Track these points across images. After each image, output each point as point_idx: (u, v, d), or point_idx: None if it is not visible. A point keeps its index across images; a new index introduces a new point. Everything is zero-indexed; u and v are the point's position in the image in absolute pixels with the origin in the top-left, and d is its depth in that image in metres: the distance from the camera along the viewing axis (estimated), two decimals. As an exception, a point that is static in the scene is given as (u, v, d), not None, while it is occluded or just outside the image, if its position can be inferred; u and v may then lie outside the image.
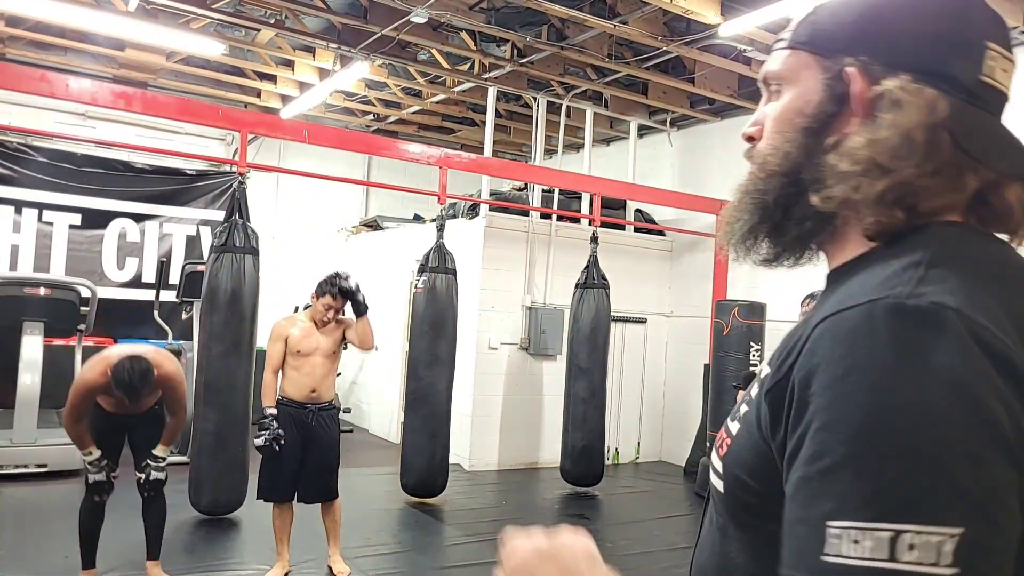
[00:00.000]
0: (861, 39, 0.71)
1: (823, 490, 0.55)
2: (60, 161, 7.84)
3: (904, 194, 0.66)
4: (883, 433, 0.54)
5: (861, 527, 0.52)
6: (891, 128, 0.66)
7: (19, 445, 5.73)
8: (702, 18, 5.42)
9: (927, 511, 0.52)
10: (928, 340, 0.56)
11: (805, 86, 0.74)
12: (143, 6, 6.07)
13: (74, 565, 3.89)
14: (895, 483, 0.53)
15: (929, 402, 0.54)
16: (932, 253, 0.64)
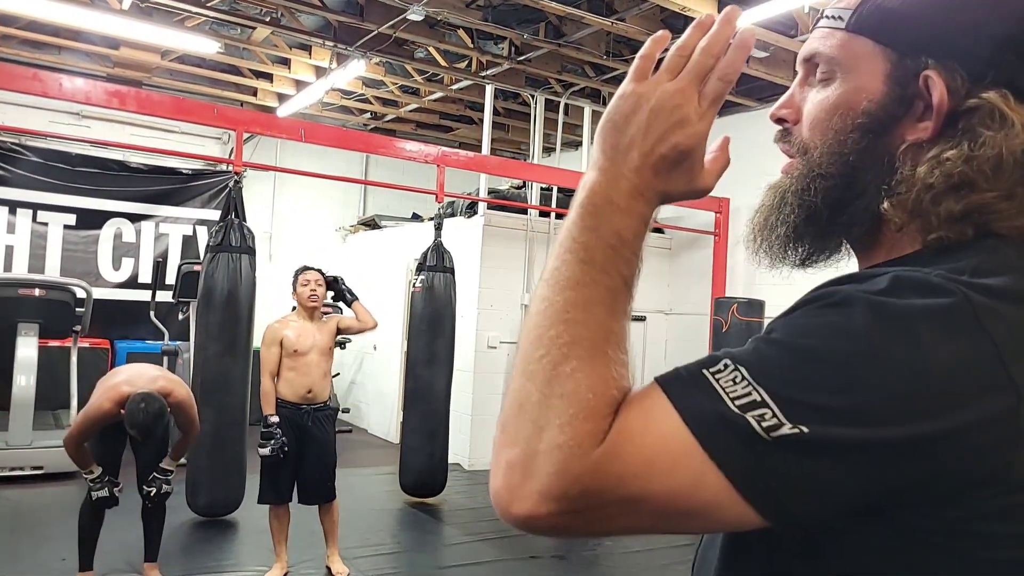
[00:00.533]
0: (944, 39, 0.65)
1: (752, 344, 0.58)
2: (55, 161, 7.79)
3: (982, 214, 0.63)
4: (827, 345, 0.55)
5: (749, 378, 0.55)
6: (994, 146, 0.62)
7: (14, 447, 5.69)
8: (699, 15, 5.39)
9: (801, 410, 0.54)
10: (932, 306, 0.56)
11: (866, 79, 0.68)
12: (137, 4, 6.03)
13: (70, 567, 3.86)
14: (803, 379, 0.55)
15: (876, 345, 0.54)
16: (979, 260, 0.61)
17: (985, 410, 0.55)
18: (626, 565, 4.78)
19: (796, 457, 0.54)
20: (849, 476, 0.54)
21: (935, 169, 0.64)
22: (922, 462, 0.54)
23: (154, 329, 7.34)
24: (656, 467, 0.56)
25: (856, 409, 0.54)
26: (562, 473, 0.56)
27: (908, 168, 0.65)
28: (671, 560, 4.77)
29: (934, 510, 0.56)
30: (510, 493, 0.57)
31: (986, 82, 0.64)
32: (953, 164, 0.63)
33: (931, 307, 0.56)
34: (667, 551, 4.94)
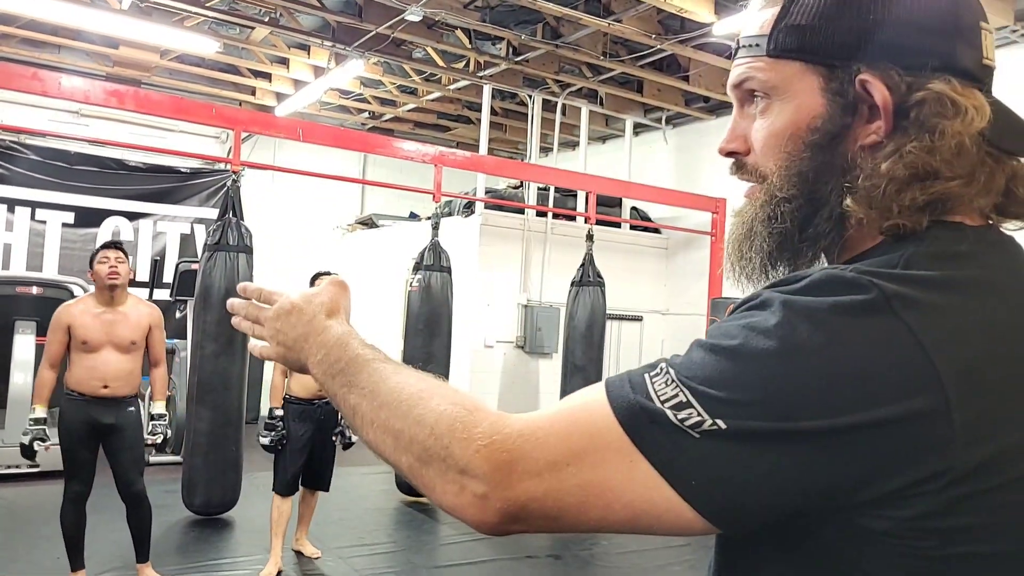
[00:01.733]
0: (865, 43, 0.65)
1: (689, 352, 0.63)
2: (53, 159, 7.80)
3: (944, 201, 0.64)
4: (746, 348, 0.58)
5: (680, 380, 0.59)
6: (954, 135, 0.63)
7: (11, 445, 5.68)
8: (696, 16, 5.42)
9: (720, 405, 0.57)
10: (846, 301, 0.57)
11: (804, 98, 0.68)
12: (136, 4, 6.04)
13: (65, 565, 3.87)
14: (725, 379, 0.57)
15: (796, 340, 0.56)
16: (912, 251, 0.62)
17: (908, 406, 0.55)
18: (622, 565, 4.79)
19: (718, 451, 0.56)
20: (769, 469, 0.56)
21: (898, 162, 0.64)
22: (841, 456, 0.55)
23: (152, 327, 7.33)
24: (589, 453, 0.60)
25: (772, 402, 0.56)
26: (495, 467, 0.61)
27: (869, 165, 0.66)
28: (667, 560, 4.79)
29: (884, 511, 0.56)
30: (468, 504, 0.63)
31: (925, 71, 0.64)
32: (916, 156, 0.63)
33: (842, 303, 0.57)
34: (663, 551, 4.96)
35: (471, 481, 0.62)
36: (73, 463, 3.64)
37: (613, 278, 7.02)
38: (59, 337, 3.66)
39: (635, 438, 0.59)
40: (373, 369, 0.74)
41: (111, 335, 3.70)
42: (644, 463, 0.58)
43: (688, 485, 0.57)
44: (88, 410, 3.65)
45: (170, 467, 6.07)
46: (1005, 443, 0.57)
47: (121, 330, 3.72)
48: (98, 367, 3.66)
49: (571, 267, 6.89)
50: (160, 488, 5.57)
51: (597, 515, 0.60)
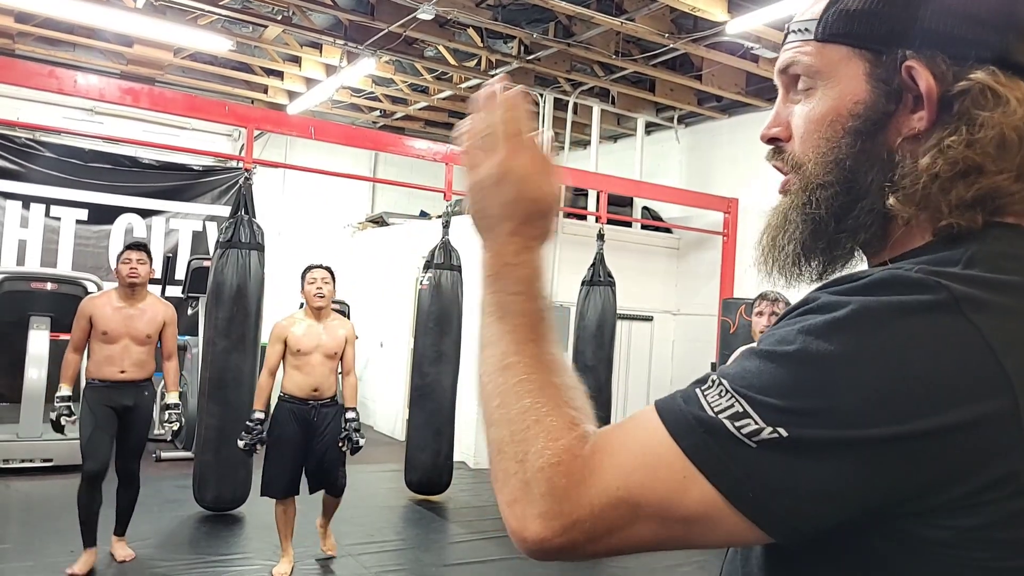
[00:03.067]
0: (915, 29, 0.64)
1: (743, 361, 0.60)
2: (68, 157, 7.87)
3: (994, 198, 0.62)
4: (814, 346, 0.56)
5: (731, 389, 0.57)
6: (994, 127, 0.61)
7: (25, 439, 5.75)
8: (709, 15, 5.40)
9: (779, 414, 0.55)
10: (911, 302, 0.55)
11: (848, 83, 0.67)
12: (151, 2, 6.08)
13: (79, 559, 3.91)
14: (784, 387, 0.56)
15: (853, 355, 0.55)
16: (975, 250, 0.60)
17: (977, 410, 0.53)
18: (632, 565, 4.78)
19: (777, 460, 0.54)
20: (832, 478, 0.54)
21: (938, 157, 0.62)
22: (908, 463, 0.53)
23: (164, 324, 7.38)
24: (641, 474, 0.58)
25: (833, 410, 0.54)
26: (553, 490, 0.59)
27: (910, 160, 0.64)
28: (677, 561, 4.78)
29: (944, 520, 0.54)
30: (520, 526, 0.61)
31: (970, 62, 0.62)
32: (956, 150, 0.62)
33: (908, 303, 0.55)
34: (673, 552, 4.94)
35: (529, 497, 0.61)
36: (92, 445, 3.89)
37: (624, 278, 7.01)
38: (83, 325, 4.00)
39: (689, 451, 0.57)
40: (544, 327, 0.72)
41: (129, 328, 4.03)
42: (699, 476, 0.56)
43: (745, 497, 0.55)
44: (110, 394, 3.98)
45: (182, 462, 6.11)
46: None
47: (138, 324, 4.05)
48: (115, 356, 4.00)
49: (582, 266, 6.88)
50: (172, 483, 5.62)
51: (651, 534, 0.59)
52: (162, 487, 5.58)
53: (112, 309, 4.02)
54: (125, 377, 4.01)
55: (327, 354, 4.13)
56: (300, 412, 4.08)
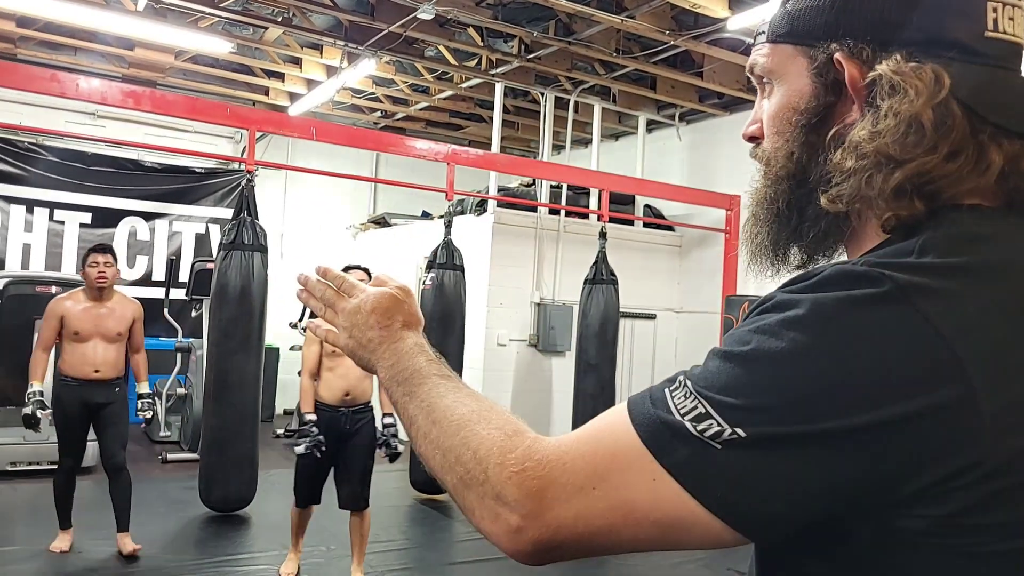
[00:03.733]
0: (844, 21, 0.65)
1: (706, 362, 0.62)
2: (71, 160, 7.89)
3: (923, 183, 0.61)
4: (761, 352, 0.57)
5: (697, 392, 0.58)
6: (893, 115, 0.61)
7: (32, 442, 5.77)
8: (710, 12, 5.40)
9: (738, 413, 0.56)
10: (857, 295, 0.56)
11: (794, 80, 0.69)
12: (152, 5, 6.09)
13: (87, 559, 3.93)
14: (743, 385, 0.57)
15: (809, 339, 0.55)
16: (926, 237, 0.60)
17: (931, 399, 0.53)
18: (636, 562, 4.79)
19: (741, 459, 0.55)
20: (795, 473, 0.55)
21: (849, 152, 0.63)
22: (868, 455, 0.54)
23: (168, 326, 7.41)
24: (615, 477, 0.59)
25: (789, 405, 0.55)
26: (527, 494, 0.61)
27: (833, 154, 0.65)
28: (681, 559, 4.78)
29: (920, 509, 0.55)
30: (507, 536, 0.63)
31: (892, 47, 0.63)
32: (863, 143, 0.62)
33: (855, 297, 0.56)
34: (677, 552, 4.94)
35: (505, 509, 0.62)
36: (67, 440, 4.15)
37: (626, 276, 7.01)
38: (52, 325, 4.13)
39: (657, 454, 0.58)
40: (433, 384, 0.76)
41: (100, 327, 4.16)
42: (668, 479, 0.57)
43: (714, 497, 0.56)
44: (82, 392, 4.12)
45: (188, 464, 6.13)
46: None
47: (108, 323, 4.19)
48: (88, 355, 4.13)
49: (584, 265, 6.89)
50: (178, 484, 5.64)
51: (629, 535, 0.60)
52: (168, 488, 5.61)
53: (82, 309, 4.14)
54: (98, 376, 4.15)
55: None
56: (331, 421, 3.89)
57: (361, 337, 0.86)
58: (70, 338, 4.12)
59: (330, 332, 0.91)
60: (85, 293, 4.21)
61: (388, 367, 0.81)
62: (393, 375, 0.80)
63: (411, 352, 0.81)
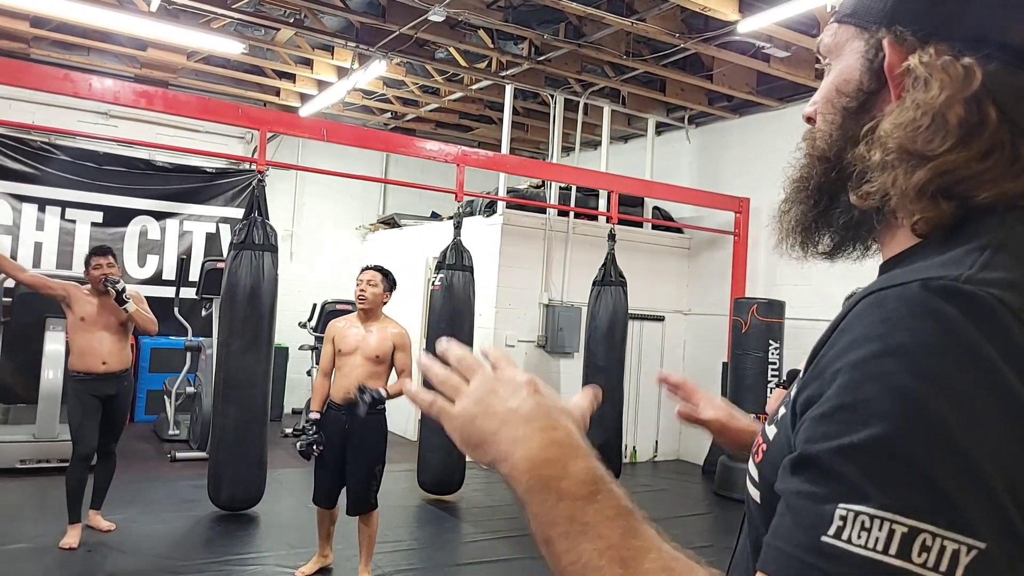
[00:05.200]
0: (902, 6, 0.63)
1: (842, 468, 0.49)
2: (83, 160, 7.94)
3: (950, 183, 0.58)
4: (916, 421, 0.48)
5: (876, 514, 0.47)
6: (916, 108, 0.59)
7: (41, 440, 5.81)
8: (720, 15, 5.39)
9: (954, 515, 0.46)
10: (979, 333, 0.50)
11: (847, 61, 0.68)
12: (164, 6, 6.13)
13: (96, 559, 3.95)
14: (925, 476, 0.47)
15: (977, 400, 0.48)
16: (998, 240, 0.56)
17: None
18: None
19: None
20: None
21: (875, 145, 0.61)
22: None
23: (178, 325, 7.45)
24: None
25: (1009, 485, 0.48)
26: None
27: (859, 146, 0.63)
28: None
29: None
30: None
31: (935, 40, 0.61)
32: (886, 134, 0.60)
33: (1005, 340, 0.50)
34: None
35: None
36: (82, 431, 4.32)
37: (635, 278, 7.00)
38: (61, 284, 4.45)
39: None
40: (637, 525, 0.55)
41: (103, 316, 4.40)
42: None
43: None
44: (94, 385, 4.36)
45: (196, 463, 6.16)
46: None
47: (111, 314, 4.41)
48: (95, 347, 4.36)
49: (593, 267, 6.88)
50: (187, 483, 5.66)
51: None
52: (177, 487, 5.63)
53: (87, 301, 4.41)
54: (107, 369, 4.37)
55: (368, 356, 3.94)
56: (338, 419, 3.90)
57: (492, 405, 0.63)
58: (77, 327, 4.38)
59: (438, 400, 0.68)
60: (89, 291, 4.44)
61: (538, 455, 0.59)
62: (549, 474, 0.57)
63: (586, 454, 0.59)
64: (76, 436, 4.34)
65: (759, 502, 0.65)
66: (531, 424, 0.61)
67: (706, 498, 6.62)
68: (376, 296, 4.03)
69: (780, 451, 0.60)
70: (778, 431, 0.64)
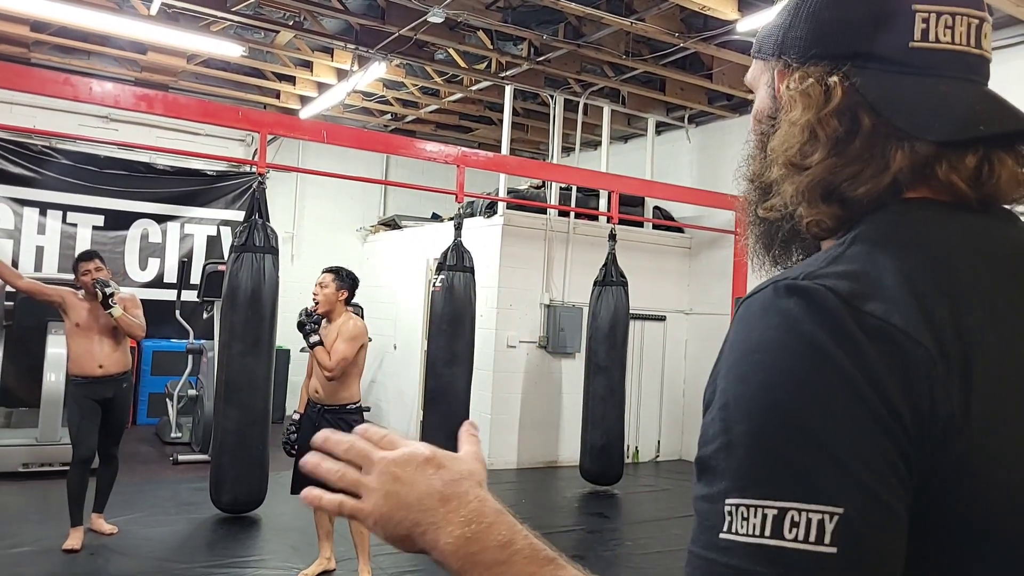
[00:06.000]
0: (786, 38, 0.70)
1: (720, 468, 0.55)
2: (83, 163, 7.95)
3: (828, 187, 0.64)
4: (769, 413, 0.54)
5: (750, 503, 0.52)
6: (789, 125, 0.66)
7: (44, 443, 5.82)
8: (720, 14, 5.39)
9: (811, 488, 0.52)
10: (811, 322, 0.55)
11: (760, 93, 0.75)
12: (164, 10, 6.14)
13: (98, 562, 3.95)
14: (781, 460, 0.53)
15: (817, 383, 0.54)
16: (857, 233, 0.62)
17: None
18: (646, 566, 4.78)
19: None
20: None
21: (772, 162, 0.68)
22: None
23: (179, 328, 7.46)
24: None
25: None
26: None
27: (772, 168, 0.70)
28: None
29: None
30: None
31: (811, 62, 0.67)
32: (774, 152, 0.67)
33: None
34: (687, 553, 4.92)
35: None
36: (81, 434, 4.34)
37: (636, 278, 7.00)
38: (56, 290, 4.48)
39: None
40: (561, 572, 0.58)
41: (98, 320, 4.42)
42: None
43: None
44: (92, 388, 4.38)
45: (198, 465, 6.16)
46: None
47: (105, 318, 4.43)
48: (92, 351, 4.40)
49: (594, 267, 6.88)
50: (188, 486, 5.67)
51: None
52: (179, 490, 5.64)
53: (81, 306, 4.44)
54: (104, 372, 4.41)
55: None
56: (313, 416, 4.06)
57: (406, 494, 0.62)
58: (73, 332, 4.41)
59: (345, 502, 0.65)
60: (83, 295, 4.47)
61: (458, 536, 0.60)
62: (470, 549, 0.59)
63: (502, 519, 0.61)
64: (76, 439, 4.38)
65: None
66: (446, 505, 0.62)
67: (709, 498, 6.61)
68: (328, 296, 4.11)
69: None
70: None
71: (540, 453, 7.33)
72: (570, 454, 7.17)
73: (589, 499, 6.35)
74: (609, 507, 6.22)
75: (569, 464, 7.14)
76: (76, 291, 4.52)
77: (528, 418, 7.26)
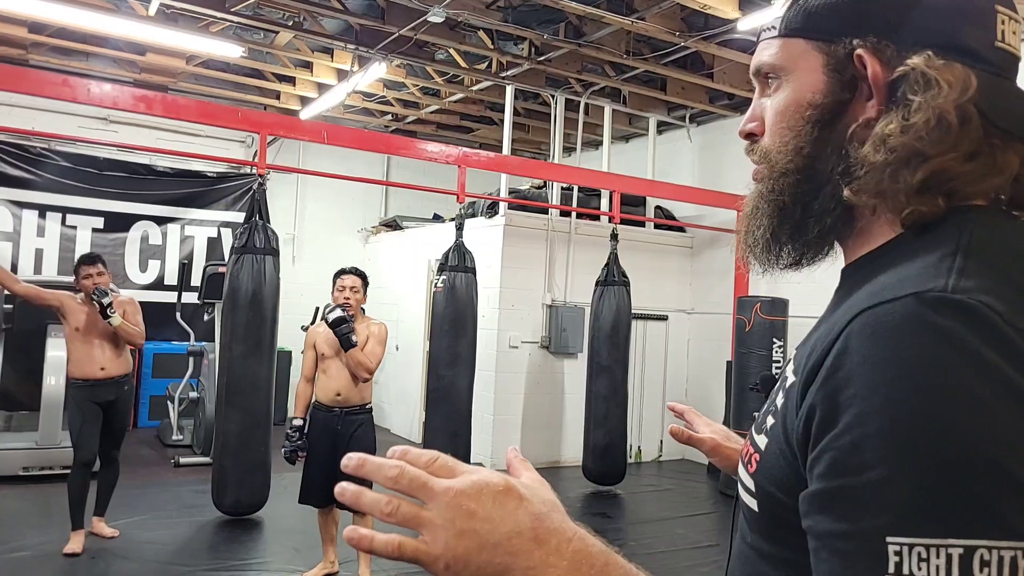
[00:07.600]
0: (864, 18, 0.67)
1: (876, 502, 0.50)
2: (83, 165, 7.93)
3: (945, 180, 0.62)
4: (944, 440, 0.49)
5: (928, 543, 0.48)
6: (925, 110, 0.62)
7: (44, 447, 5.80)
8: (720, 13, 5.36)
9: (1002, 523, 0.47)
10: (980, 341, 0.51)
11: (807, 75, 0.70)
12: (163, 10, 6.12)
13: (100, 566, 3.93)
14: (964, 493, 0.48)
15: (994, 407, 0.50)
16: (965, 242, 0.60)
17: None
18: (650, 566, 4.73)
19: None
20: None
21: (879, 145, 0.64)
22: None
23: (180, 330, 7.44)
24: None
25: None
26: None
27: (857, 149, 0.66)
28: (694, 561, 4.74)
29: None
30: None
31: (914, 47, 0.64)
32: (893, 136, 0.63)
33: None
34: (691, 552, 4.91)
35: None
36: (82, 438, 4.33)
37: (638, 277, 6.98)
38: (54, 295, 4.48)
39: None
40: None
41: (98, 324, 4.39)
42: None
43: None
44: (93, 391, 4.37)
45: (200, 468, 6.14)
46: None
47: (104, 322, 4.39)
48: (92, 354, 4.40)
49: (595, 267, 6.86)
50: (190, 488, 5.65)
51: None
52: (181, 492, 5.62)
53: (81, 311, 4.42)
54: (105, 375, 4.39)
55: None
56: (327, 420, 3.99)
57: (488, 533, 0.52)
58: (73, 336, 4.39)
59: (406, 544, 0.53)
60: (83, 299, 4.44)
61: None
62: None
63: (611, 560, 0.55)
64: (76, 442, 4.37)
65: (756, 510, 0.67)
66: (543, 547, 0.52)
67: (711, 497, 6.60)
68: (359, 300, 4.11)
69: (776, 462, 0.63)
70: (770, 441, 0.65)
71: (543, 453, 7.30)
72: (573, 454, 7.15)
73: (592, 499, 6.33)
74: (612, 507, 6.20)
75: (572, 464, 7.12)
76: (75, 295, 4.48)
77: (531, 418, 7.24)
